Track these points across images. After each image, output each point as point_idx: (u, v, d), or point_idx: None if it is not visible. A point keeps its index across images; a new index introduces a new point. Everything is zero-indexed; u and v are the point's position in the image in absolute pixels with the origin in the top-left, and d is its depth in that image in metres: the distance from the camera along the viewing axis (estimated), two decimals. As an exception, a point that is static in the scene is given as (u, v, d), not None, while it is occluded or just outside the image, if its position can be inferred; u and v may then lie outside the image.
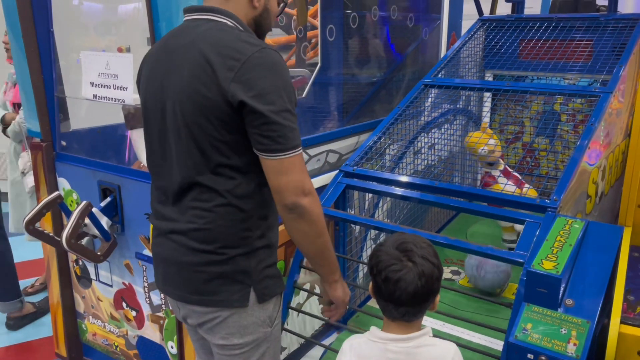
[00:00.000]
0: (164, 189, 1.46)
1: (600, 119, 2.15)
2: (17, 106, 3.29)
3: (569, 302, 1.56)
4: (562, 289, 1.55)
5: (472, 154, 2.60)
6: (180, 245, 1.41)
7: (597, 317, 1.50)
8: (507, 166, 2.58)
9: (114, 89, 2.06)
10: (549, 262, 1.58)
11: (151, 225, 2.06)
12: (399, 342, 1.32)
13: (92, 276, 2.41)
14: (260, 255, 1.43)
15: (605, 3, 3.28)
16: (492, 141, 2.46)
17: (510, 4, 3.30)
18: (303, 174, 1.34)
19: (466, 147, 2.56)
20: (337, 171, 2.26)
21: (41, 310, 3.29)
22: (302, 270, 2.06)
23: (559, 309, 1.53)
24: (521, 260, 1.67)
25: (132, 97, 2.00)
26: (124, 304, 2.33)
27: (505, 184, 2.29)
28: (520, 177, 2.55)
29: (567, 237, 1.69)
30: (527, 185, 2.48)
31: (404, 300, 1.27)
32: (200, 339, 1.63)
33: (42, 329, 3.17)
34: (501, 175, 2.52)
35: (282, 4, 1.52)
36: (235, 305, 1.41)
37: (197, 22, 1.39)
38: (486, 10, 3.63)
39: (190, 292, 1.42)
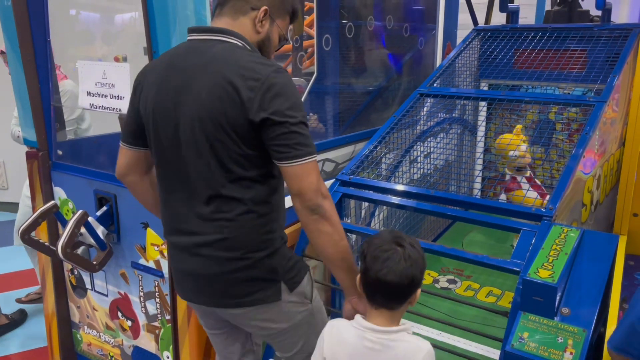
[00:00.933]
0: (181, 204, 1.51)
1: (594, 128, 2.17)
2: None
3: (565, 310, 1.56)
4: (558, 297, 1.56)
5: (502, 156, 2.59)
6: (207, 258, 1.49)
7: (593, 326, 1.50)
8: (532, 175, 2.59)
9: (111, 98, 2.06)
10: (544, 271, 1.58)
11: (148, 232, 2.08)
12: (377, 333, 1.39)
13: (88, 286, 2.40)
14: (281, 252, 1.54)
15: (599, 13, 3.31)
16: (523, 146, 2.49)
17: (504, 14, 3.32)
18: (320, 178, 1.44)
19: (496, 147, 2.56)
20: (333, 180, 2.27)
21: (14, 322, 3.27)
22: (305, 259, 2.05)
23: (555, 318, 1.54)
24: (517, 269, 1.68)
25: (132, 107, 2.00)
26: (119, 314, 2.32)
27: (526, 193, 2.30)
28: (543, 188, 2.55)
29: (562, 245, 1.70)
30: (548, 197, 2.47)
31: (389, 280, 1.34)
32: (229, 330, 1.73)
33: (37, 340, 3.15)
34: (525, 181, 2.54)
35: (283, 41, 1.60)
36: (271, 300, 1.53)
37: (209, 43, 1.46)
38: (480, 20, 3.66)
39: (227, 298, 1.52)
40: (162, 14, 1.75)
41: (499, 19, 3.69)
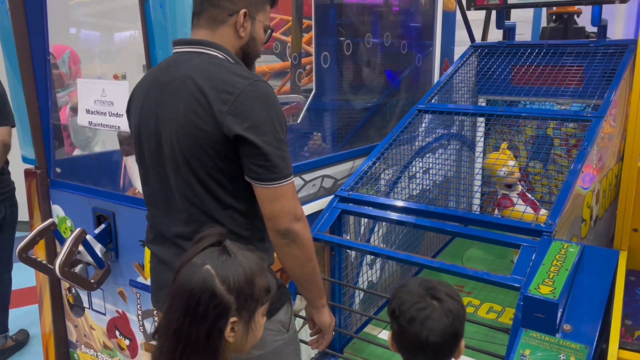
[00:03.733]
0: (162, 217, 1.48)
1: (592, 143, 2.17)
2: None
3: (566, 327, 1.55)
4: (559, 313, 1.55)
5: (490, 175, 2.60)
6: None
7: (595, 343, 1.49)
8: (524, 191, 2.59)
9: (110, 115, 2.07)
10: (545, 287, 1.57)
11: (147, 250, 2.06)
12: None
13: (85, 304, 2.38)
14: None
15: (595, 30, 3.33)
16: (511, 162, 2.49)
17: (501, 31, 3.35)
18: (295, 200, 1.39)
19: (485, 167, 2.57)
20: (332, 196, 2.26)
21: (19, 343, 3.25)
22: (298, 297, 2.04)
23: (557, 335, 1.52)
24: (518, 285, 1.67)
25: (128, 124, 2.01)
26: (117, 333, 2.29)
27: (525, 210, 2.30)
28: (536, 202, 2.55)
29: (563, 261, 1.69)
30: (543, 211, 2.48)
31: (432, 341, 1.20)
32: None
33: (33, 358, 3.11)
34: (518, 198, 2.54)
35: (268, 31, 1.54)
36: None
37: (187, 55, 1.42)
38: (477, 37, 3.69)
39: None
40: (161, 32, 1.76)
41: (495, 35, 3.73)
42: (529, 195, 2.56)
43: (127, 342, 2.26)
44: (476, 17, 3.67)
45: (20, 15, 2.12)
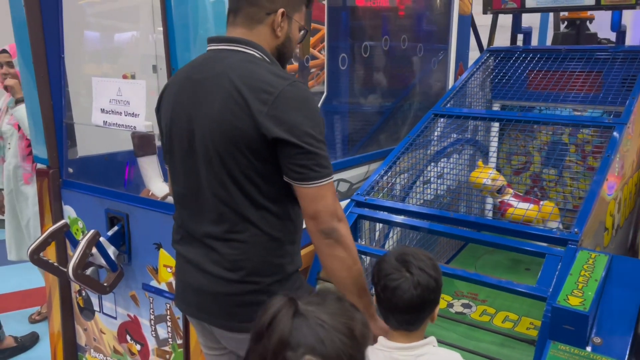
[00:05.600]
0: (191, 216, 1.46)
1: (616, 151, 2.14)
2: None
3: (597, 340, 1.51)
4: (589, 326, 1.50)
5: (480, 190, 2.60)
6: (214, 276, 1.42)
7: (627, 357, 1.45)
8: (515, 191, 2.58)
9: (125, 115, 2.02)
10: (575, 298, 1.53)
11: (161, 253, 2.02)
12: (403, 350, 1.38)
13: (96, 307, 2.34)
14: (292, 279, 1.47)
15: (606, 36, 3.31)
16: (491, 171, 2.50)
17: (506, 37, 3.34)
18: (335, 200, 1.37)
19: (472, 186, 2.57)
20: (348, 200, 2.22)
21: (23, 345, 3.18)
22: (319, 282, 1.99)
23: (586, 348, 1.48)
24: (544, 296, 1.63)
25: (144, 124, 1.97)
26: (128, 337, 2.25)
27: (528, 207, 2.29)
28: (530, 198, 2.54)
29: (591, 271, 1.65)
30: (542, 202, 2.45)
31: (401, 307, 1.35)
32: (229, 352, 1.62)
33: (40, 362, 3.08)
34: (514, 199, 2.51)
35: (303, 31, 1.51)
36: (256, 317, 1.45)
37: (223, 53, 1.39)
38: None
39: (230, 321, 1.44)
40: (182, 31, 1.72)
41: (501, 41, 3.71)
42: (521, 195, 2.55)
43: (138, 347, 2.22)
44: (481, 22, 3.65)
45: (35, 12, 2.09)
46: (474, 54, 3.46)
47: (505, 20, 3.47)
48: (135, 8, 3.24)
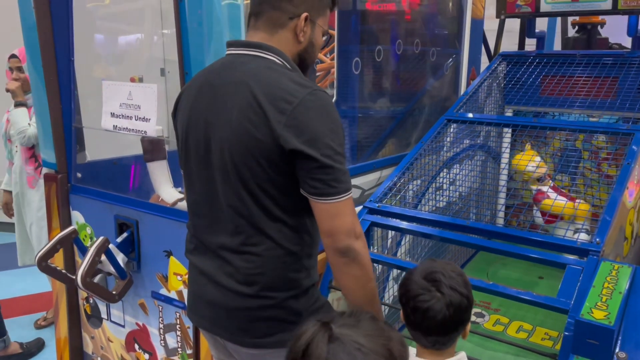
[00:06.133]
0: (206, 226, 1.41)
1: (636, 158, 2.09)
2: None
3: (621, 355, 1.46)
4: (614, 340, 1.46)
5: (521, 175, 2.58)
6: (228, 290, 1.37)
7: (653, 372, 1.40)
8: (554, 183, 2.56)
9: (136, 119, 1.99)
10: (599, 312, 1.48)
11: (171, 261, 1.99)
12: None
13: (104, 315, 2.30)
14: (309, 294, 1.42)
15: (617, 40, 3.26)
16: (537, 158, 2.49)
17: (511, 42, 3.31)
18: (354, 216, 1.30)
19: (515, 168, 2.55)
20: (361, 207, 2.18)
21: (29, 352, 3.15)
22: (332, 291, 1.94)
23: (612, 363, 1.44)
24: (566, 308, 1.58)
25: (155, 129, 1.93)
26: (136, 346, 2.21)
27: (565, 203, 2.27)
28: (569, 194, 2.52)
29: (615, 283, 1.60)
30: (578, 200, 2.40)
31: (433, 329, 1.30)
32: None
33: (46, 369, 3.05)
34: (552, 191, 2.49)
35: (325, 36, 1.47)
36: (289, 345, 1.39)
37: (243, 58, 1.35)
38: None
39: (244, 336, 1.40)
40: (196, 34, 1.69)
41: (506, 47, 3.67)
42: (560, 188, 2.53)
43: (146, 356, 2.18)
44: (485, 27, 3.61)
45: (45, 15, 2.06)
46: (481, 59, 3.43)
47: (511, 25, 3.43)
48: (143, 11, 3.22)
